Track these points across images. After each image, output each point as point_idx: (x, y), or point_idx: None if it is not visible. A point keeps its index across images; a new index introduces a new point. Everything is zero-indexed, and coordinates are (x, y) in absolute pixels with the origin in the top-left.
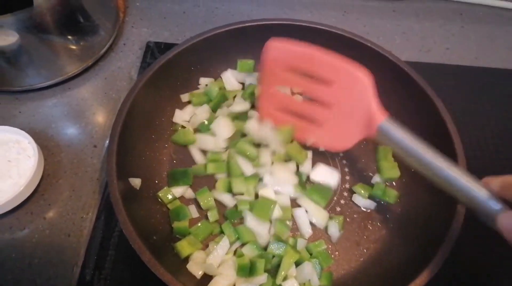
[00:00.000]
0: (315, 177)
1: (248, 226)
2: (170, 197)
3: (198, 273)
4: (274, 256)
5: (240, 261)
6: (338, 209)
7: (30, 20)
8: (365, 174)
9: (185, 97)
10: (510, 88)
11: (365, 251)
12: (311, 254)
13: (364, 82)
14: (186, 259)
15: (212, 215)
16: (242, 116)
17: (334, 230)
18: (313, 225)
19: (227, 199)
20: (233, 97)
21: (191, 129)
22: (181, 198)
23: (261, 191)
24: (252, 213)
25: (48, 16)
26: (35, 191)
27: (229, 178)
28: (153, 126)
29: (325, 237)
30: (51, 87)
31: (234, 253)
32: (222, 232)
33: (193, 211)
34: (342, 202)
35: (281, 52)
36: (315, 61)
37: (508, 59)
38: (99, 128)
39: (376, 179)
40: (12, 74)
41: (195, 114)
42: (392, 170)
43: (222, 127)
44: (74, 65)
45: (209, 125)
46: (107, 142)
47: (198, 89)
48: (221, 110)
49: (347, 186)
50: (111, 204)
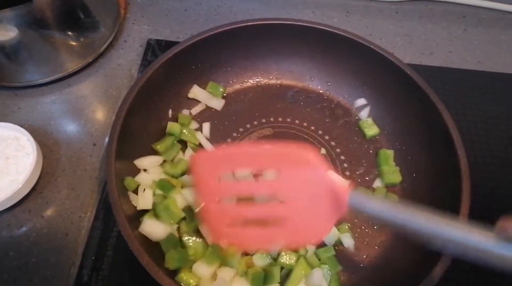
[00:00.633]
0: None
1: None
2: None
3: None
4: (284, 268)
5: (254, 271)
6: None
7: (30, 15)
8: (367, 179)
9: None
10: None
11: (365, 257)
12: (319, 259)
13: (311, 161)
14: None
15: None
16: None
17: (348, 241)
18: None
19: None
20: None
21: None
22: None
23: None
24: None
25: (48, 12)
26: (33, 189)
27: None
28: (154, 125)
29: None
30: (51, 84)
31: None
32: None
33: None
34: None
35: (211, 160)
36: (250, 158)
37: (511, 63)
38: (99, 126)
39: (377, 184)
40: (12, 70)
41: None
42: (394, 175)
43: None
44: (74, 62)
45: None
46: (106, 141)
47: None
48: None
49: None
50: (110, 204)
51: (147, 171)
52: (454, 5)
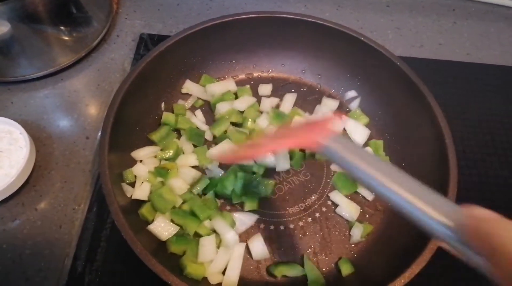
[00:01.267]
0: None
1: None
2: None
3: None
4: None
5: None
6: (329, 203)
7: (22, 10)
8: None
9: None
10: (502, 84)
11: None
12: None
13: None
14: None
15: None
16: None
17: (357, 233)
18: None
19: None
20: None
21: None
22: None
23: None
24: None
25: (41, 6)
26: (27, 182)
27: None
28: (146, 118)
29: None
30: (43, 78)
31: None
32: None
33: None
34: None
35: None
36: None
37: (500, 55)
38: (92, 120)
39: None
40: (4, 64)
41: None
42: None
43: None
44: (67, 56)
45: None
46: (100, 134)
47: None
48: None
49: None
50: (103, 196)
51: (143, 162)
52: None
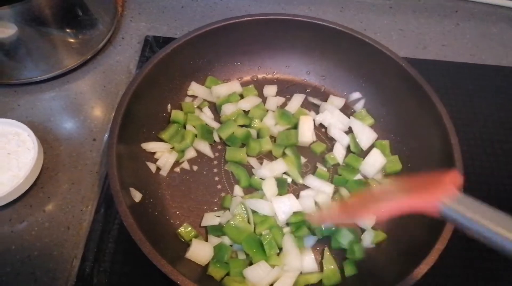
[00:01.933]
0: None
1: None
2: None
3: None
4: None
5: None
6: None
7: (29, 13)
8: None
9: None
10: (505, 84)
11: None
12: None
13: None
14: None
15: None
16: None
17: (368, 239)
18: None
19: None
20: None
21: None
22: None
23: None
24: None
25: (47, 9)
26: (34, 184)
27: None
28: (152, 120)
29: None
30: (50, 80)
31: None
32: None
33: None
34: None
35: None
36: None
37: (503, 56)
38: (98, 122)
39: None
40: (11, 67)
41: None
42: (394, 164)
43: None
44: (73, 59)
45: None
46: (106, 136)
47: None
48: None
49: None
50: (111, 197)
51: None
52: (446, 0)
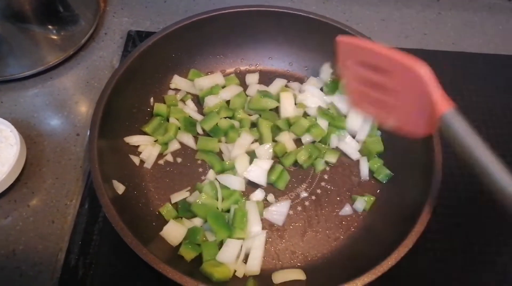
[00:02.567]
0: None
1: None
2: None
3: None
4: None
5: None
6: (323, 184)
7: (9, 9)
8: None
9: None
10: (486, 72)
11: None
12: None
13: (421, 74)
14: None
15: None
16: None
17: (360, 207)
18: None
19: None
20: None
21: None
22: None
23: None
24: None
25: (27, 5)
26: (18, 180)
27: None
28: (135, 113)
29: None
30: (33, 77)
31: None
32: None
33: None
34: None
35: (350, 46)
36: (376, 54)
37: (484, 44)
38: (82, 117)
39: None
40: None
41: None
42: (377, 144)
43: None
44: (55, 55)
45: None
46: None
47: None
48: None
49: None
50: (95, 191)
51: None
52: None
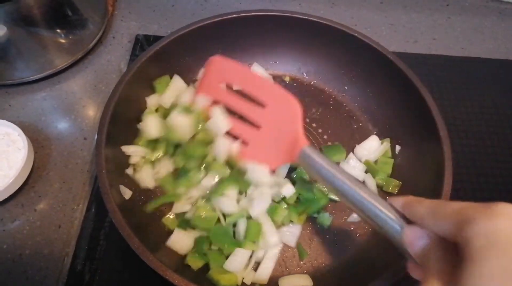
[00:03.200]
0: None
1: None
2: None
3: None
4: None
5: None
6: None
7: (18, 13)
8: None
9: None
10: (496, 78)
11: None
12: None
13: (295, 108)
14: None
15: None
16: None
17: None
18: None
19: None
20: None
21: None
22: None
23: None
24: None
25: (36, 9)
26: (25, 183)
27: None
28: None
29: None
30: (41, 81)
31: None
32: None
33: None
34: None
35: (223, 66)
36: (251, 81)
37: (494, 49)
38: (89, 121)
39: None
40: (1, 68)
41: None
42: (387, 167)
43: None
44: (63, 59)
45: None
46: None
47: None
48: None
49: None
50: (102, 196)
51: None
52: None
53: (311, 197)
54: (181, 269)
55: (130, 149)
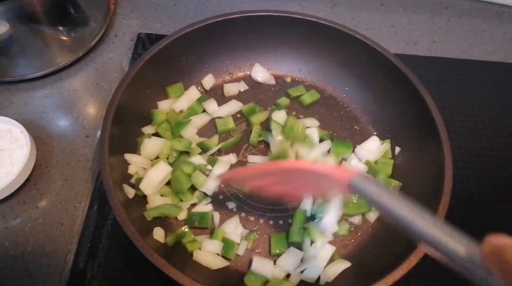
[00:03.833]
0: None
1: None
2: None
3: None
4: None
5: None
6: None
7: (21, 10)
8: None
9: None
10: (495, 80)
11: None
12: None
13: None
14: (179, 245)
15: None
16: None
17: (372, 215)
18: None
19: None
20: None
21: None
22: None
23: None
24: None
25: (38, 6)
26: (28, 181)
27: None
28: (145, 116)
29: None
30: (43, 78)
31: None
32: None
33: None
34: None
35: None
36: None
37: (493, 52)
38: (91, 119)
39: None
40: (3, 65)
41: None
42: (387, 167)
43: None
44: (65, 56)
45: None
46: (99, 132)
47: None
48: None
49: None
50: (104, 193)
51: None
52: None
53: None
54: (185, 268)
55: (133, 159)
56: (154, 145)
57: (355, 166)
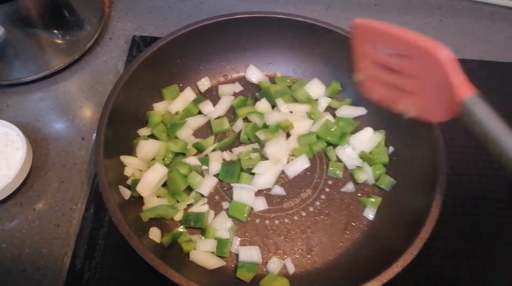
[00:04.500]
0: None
1: None
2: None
3: None
4: None
5: None
6: (327, 190)
7: (16, 14)
8: None
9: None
10: (488, 79)
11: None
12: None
13: (440, 57)
14: (176, 245)
15: None
16: None
17: (371, 214)
18: None
19: None
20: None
21: None
22: None
23: None
24: None
25: (33, 10)
26: (24, 183)
27: None
28: (140, 118)
29: None
30: (38, 81)
31: None
32: None
33: None
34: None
35: (366, 30)
36: (394, 38)
37: (486, 51)
38: (87, 121)
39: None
40: None
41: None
42: (382, 155)
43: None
44: (60, 59)
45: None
46: (95, 135)
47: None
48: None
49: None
50: (100, 195)
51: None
52: None
53: None
54: (182, 268)
55: (129, 161)
56: (150, 147)
57: (350, 154)
